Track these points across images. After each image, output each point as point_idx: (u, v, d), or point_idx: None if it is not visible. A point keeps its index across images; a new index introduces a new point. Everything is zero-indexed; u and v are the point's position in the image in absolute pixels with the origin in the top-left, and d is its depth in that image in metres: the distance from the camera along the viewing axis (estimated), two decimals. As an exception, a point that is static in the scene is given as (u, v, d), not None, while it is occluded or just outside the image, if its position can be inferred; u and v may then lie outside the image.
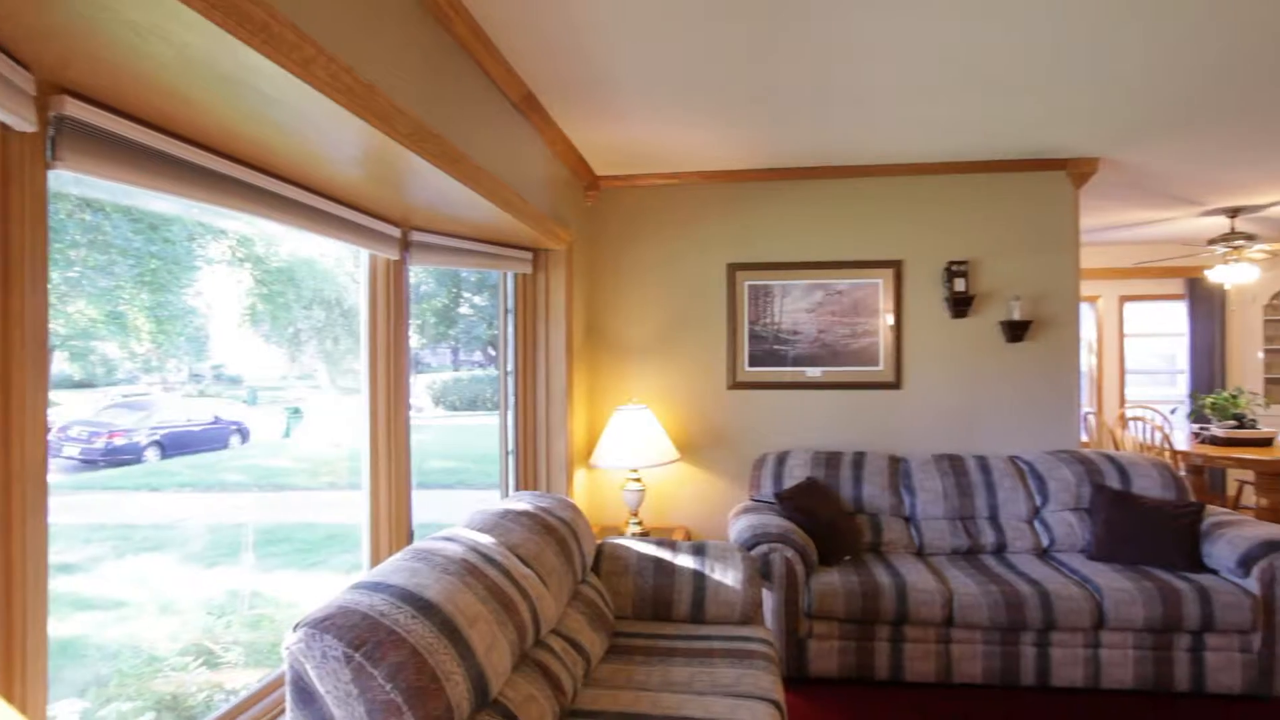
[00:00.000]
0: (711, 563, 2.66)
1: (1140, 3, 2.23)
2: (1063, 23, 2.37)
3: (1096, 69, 2.75)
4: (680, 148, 3.71)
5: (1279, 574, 2.89)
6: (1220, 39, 2.49)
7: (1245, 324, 6.85)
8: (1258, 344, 6.75)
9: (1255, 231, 5.86)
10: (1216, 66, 2.73)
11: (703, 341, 4.24)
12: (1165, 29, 2.42)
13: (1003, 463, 3.72)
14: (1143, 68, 2.74)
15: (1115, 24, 2.38)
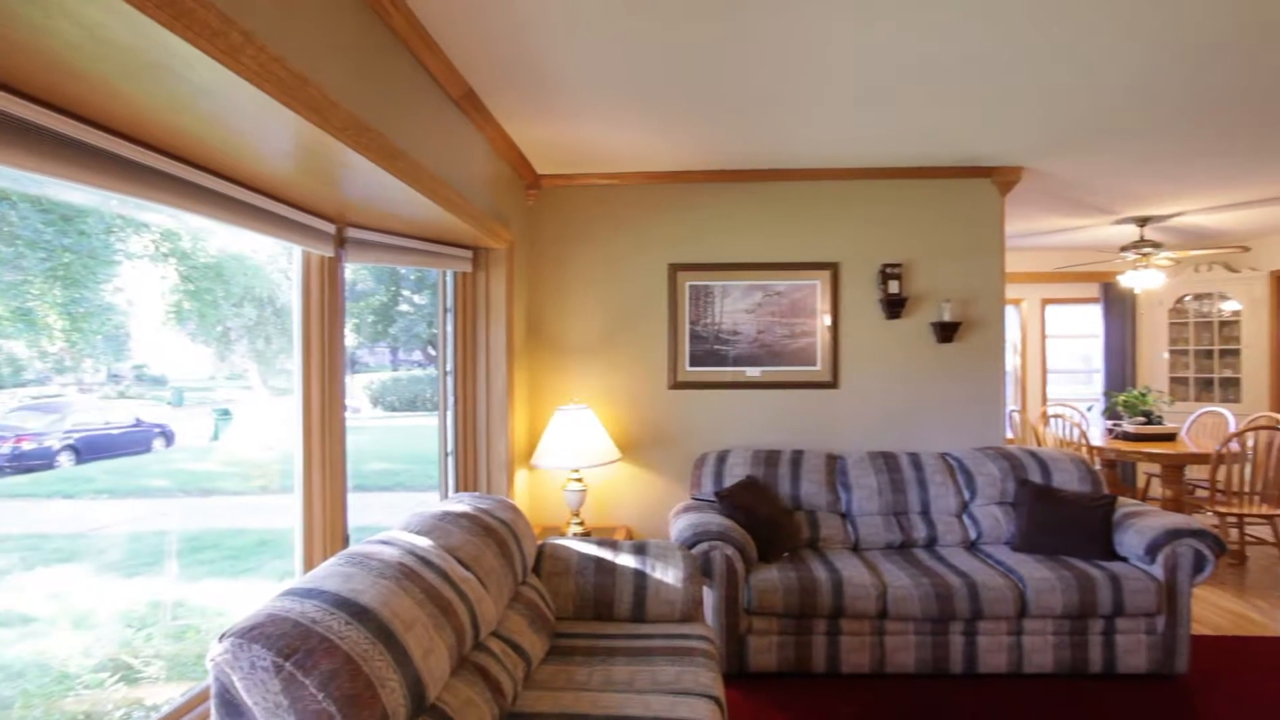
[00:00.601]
0: (653, 561, 2.68)
1: (1061, 24, 2.35)
2: (991, 39, 2.47)
3: (1021, 83, 2.88)
4: (623, 148, 3.72)
5: (1180, 560, 3.08)
6: (1132, 60, 2.64)
7: (1153, 326, 7.27)
8: (1163, 345, 7.17)
9: (1161, 240, 6.23)
10: (1129, 86, 2.89)
11: (644, 341, 4.26)
12: (1084, 50, 2.55)
13: (934, 459, 3.85)
14: (1063, 84, 2.88)
15: (1038, 43, 2.49)
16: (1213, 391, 6.94)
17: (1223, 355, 6.90)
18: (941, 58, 2.64)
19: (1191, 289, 7.02)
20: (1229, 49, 2.57)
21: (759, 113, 3.22)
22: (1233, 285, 6.82)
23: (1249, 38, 2.48)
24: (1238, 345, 6.80)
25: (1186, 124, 3.38)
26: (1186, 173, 4.25)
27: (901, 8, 2.26)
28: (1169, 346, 7.14)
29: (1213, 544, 3.08)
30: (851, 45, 2.52)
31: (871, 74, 2.79)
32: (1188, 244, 6.62)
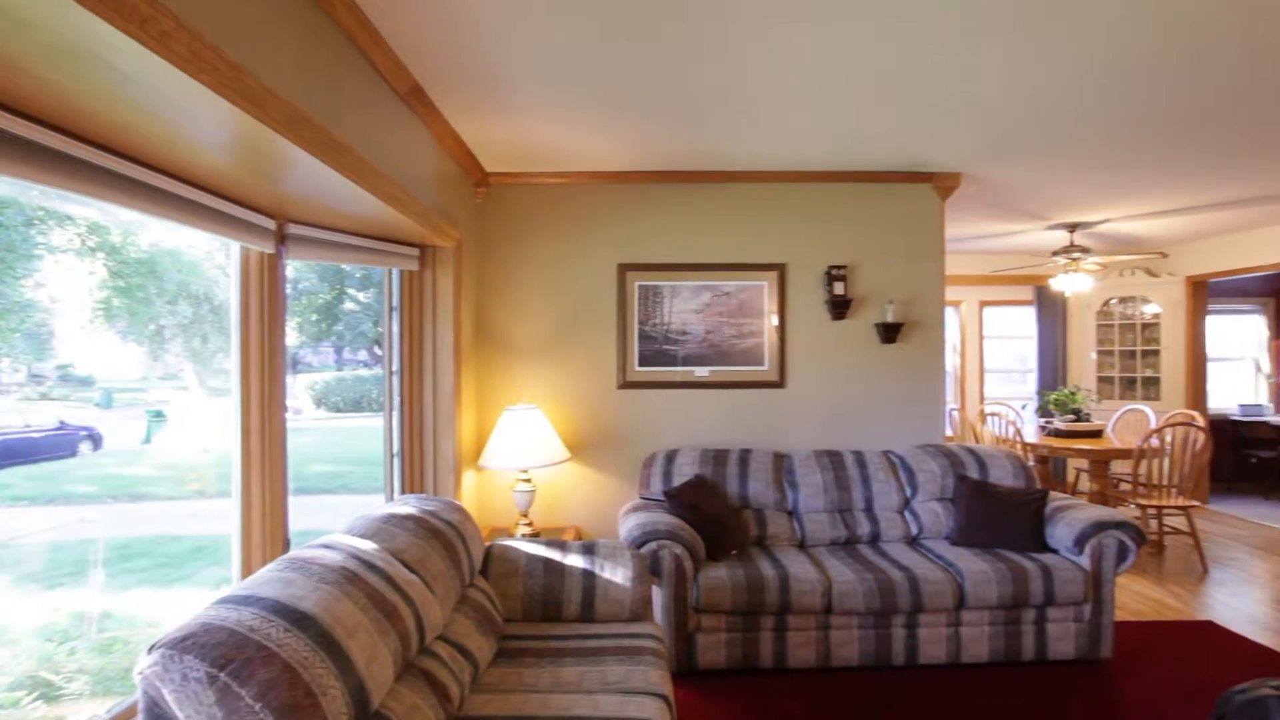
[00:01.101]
0: (601, 561, 2.68)
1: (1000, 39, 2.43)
2: (934, 49, 2.54)
3: (962, 93, 2.98)
4: (572, 147, 3.71)
5: (1105, 551, 3.23)
6: (1064, 76, 2.75)
7: (1082, 328, 7.60)
8: (1091, 346, 7.50)
9: (1090, 245, 6.52)
10: (1061, 100, 3.02)
11: (593, 341, 4.26)
12: (1019, 64, 2.65)
13: (877, 457, 3.95)
14: (1001, 96, 2.98)
15: (978, 55, 2.58)
16: (1136, 390, 7.29)
17: (1144, 355, 7.25)
18: (887, 65, 2.71)
19: (1117, 293, 7.36)
20: (1148, 70, 2.70)
21: (707, 115, 3.25)
22: (1153, 289, 7.17)
23: (1167, 60, 2.62)
24: (1158, 346, 7.16)
25: (1113, 137, 3.54)
26: (1112, 182, 4.46)
27: (849, 16, 2.31)
28: (1096, 347, 7.47)
29: (1134, 535, 3.23)
30: (799, 51, 2.57)
31: (818, 79, 2.84)
32: (1113, 250, 6.94)
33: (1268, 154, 3.87)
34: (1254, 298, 7.88)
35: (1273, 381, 7.88)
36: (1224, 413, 7.64)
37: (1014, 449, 5.63)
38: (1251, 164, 4.08)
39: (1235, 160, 4.00)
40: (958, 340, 7.88)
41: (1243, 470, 7.77)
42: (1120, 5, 2.24)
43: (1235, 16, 2.32)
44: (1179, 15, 2.31)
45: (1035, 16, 2.31)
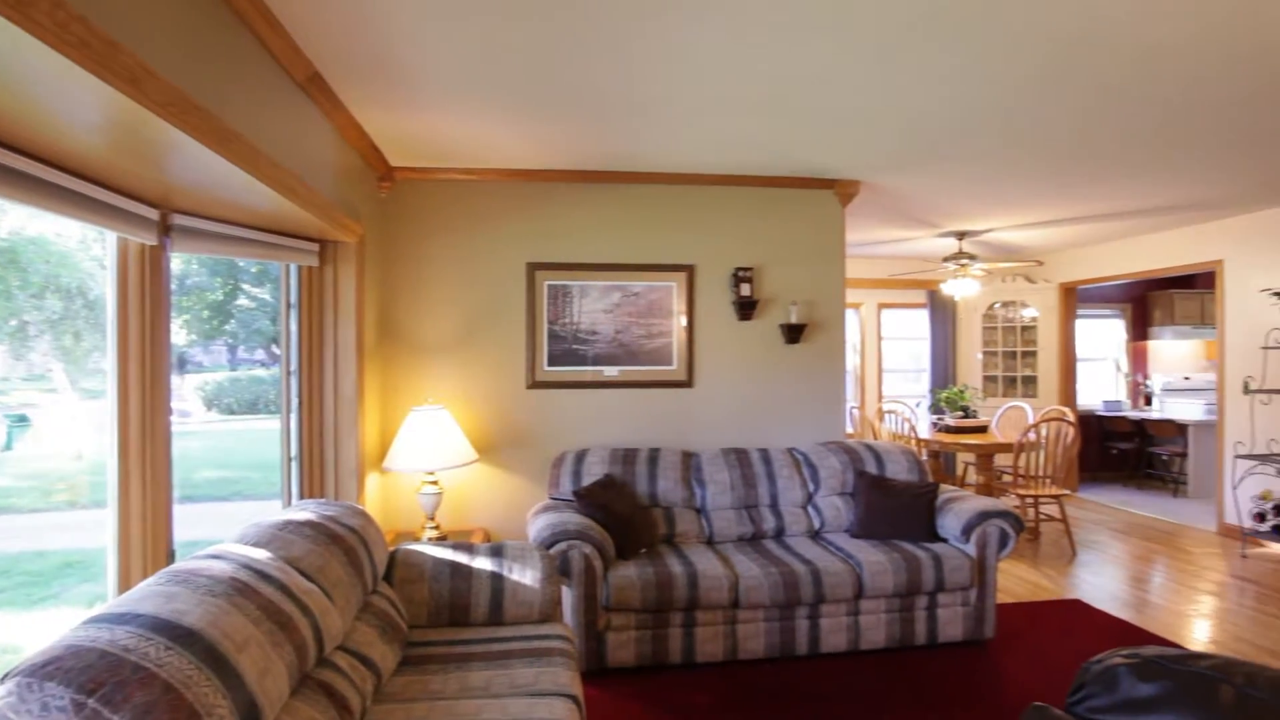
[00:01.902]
0: (510, 563, 2.65)
1: (901, 56, 2.56)
2: (840, 62, 2.64)
3: (864, 105, 3.11)
4: (481, 143, 3.65)
5: (989, 538, 3.45)
6: (953, 94, 2.92)
7: (970, 330, 8.09)
8: (978, 347, 8.00)
9: (977, 252, 6.94)
10: (951, 117, 3.20)
11: (502, 340, 4.20)
12: (915, 82, 2.79)
13: (782, 454, 4.08)
14: (897, 110, 3.14)
15: (881, 70, 2.70)
16: (1016, 388, 7.83)
17: (1024, 356, 7.80)
18: (792, 75, 2.79)
19: (1000, 297, 7.88)
20: (1025, 95, 2.91)
21: (615, 114, 3.26)
22: (1031, 295, 7.72)
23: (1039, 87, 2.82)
24: (1035, 347, 7.72)
25: (997, 154, 3.79)
26: (997, 194, 4.77)
27: (755, 25, 2.37)
28: (982, 348, 7.97)
29: (1014, 523, 3.47)
30: (705, 56, 2.62)
31: (724, 85, 2.90)
32: (997, 257, 7.43)
33: (1123, 175, 4.24)
34: (1115, 303, 8.61)
35: (1130, 380, 8.63)
36: (1090, 409, 8.31)
37: (909, 445, 5.94)
38: (1112, 183, 4.46)
39: (1098, 179, 4.36)
40: (858, 341, 8.22)
41: (1106, 461, 8.47)
42: (1001, 36, 2.40)
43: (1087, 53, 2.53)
44: (1045, 49, 2.49)
45: (931, 40, 2.45)
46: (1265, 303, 5.39)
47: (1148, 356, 8.60)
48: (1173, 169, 4.20)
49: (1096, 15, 2.31)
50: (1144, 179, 4.43)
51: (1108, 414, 8.26)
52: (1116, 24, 2.37)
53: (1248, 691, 0.92)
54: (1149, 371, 8.56)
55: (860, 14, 2.30)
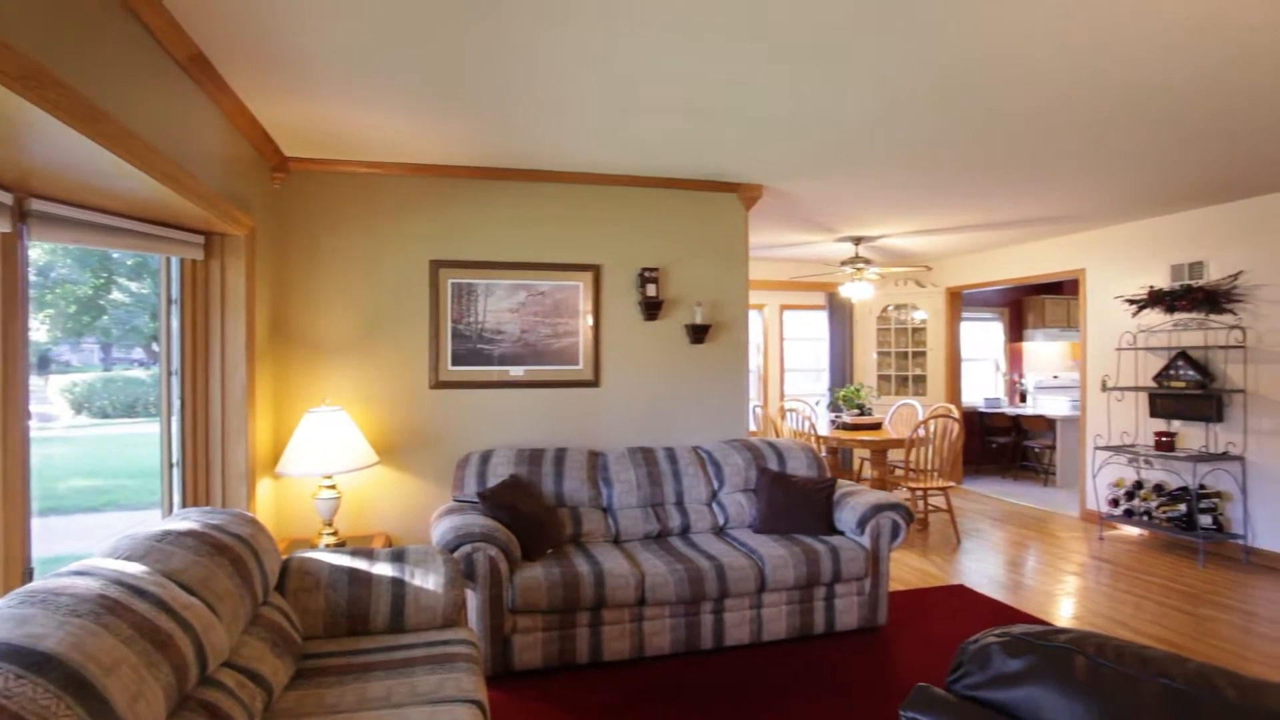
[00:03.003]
0: (412, 568, 2.57)
1: (798, 67, 2.65)
2: (740, 69, 2.71)
3: (768, 113, 3.20)
4: (383, 136, 3.53)
5: (882, 530, 3.63)
6: (849, 105, 3.06)
7: (865, 331, 8.48)
8: (873, 347, 8.39)
9: (872, 257, 7.29)
10: (848, 127, 3.35)
11: (404, 339, 4.08)
12: (814, 91, 2.90)
13: (687, 452, 4.15)
14: (798, 118, 3.25)
15: (785, 80, 2.79)
16: (908, 386, 8.27)
17: (914, 356, 8.24)
18: (696, 79, 2.85)
19: (893, 300, 8.30)
20: (914, 110, 3.08)
21: (521, 112, 3.23)
22: (921, 298, 8.17)
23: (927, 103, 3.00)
24: (925, 348, 8.17)
25: (890, 164, 3.99)
26: (890, 202, 5.02)
27: (661, 28, 2.40)
28: (877, 348, 8.38)
29: (905, 514, 3.67)
30: (611, 57, 2.63)
31: (629, 86, 2.93)
32: (890, 262, 7.82)
33: (999, 188, 4.56)
34: (994, 307, 9.23)
35: (1008, 379, 9.28)
36: (973, 406, 8.88)
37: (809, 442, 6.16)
38: (990, 195, 4.79)
39: (978, 191, 4.67)
40: (761, 341, 8.46)
41: (987, 454, 9.07)
42: (893, 54, 2.53)
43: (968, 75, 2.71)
44: (931, 70, 2.65)
45: (830, 53, 2.55)
46: (1119, 308, 5.92)
47: (1023, 357, 9.27)
48: (1042, 184, 4.54)
49: (977, 38, 2.47)
50: (1018, 193, 4.77)
51: (988, 410, 8.85)
52: (995, 48, 2.54)
53: (1097, 661, 1.01)
54: (1024, 371, 9.23)
55: (763, 26, 2.37)
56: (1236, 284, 5.08)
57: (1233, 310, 5.09)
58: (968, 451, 8.76)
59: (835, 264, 7.30)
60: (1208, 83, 2.89)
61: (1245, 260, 5.05)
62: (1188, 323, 5.36)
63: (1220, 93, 3.00)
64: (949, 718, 1.08)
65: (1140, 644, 1.05)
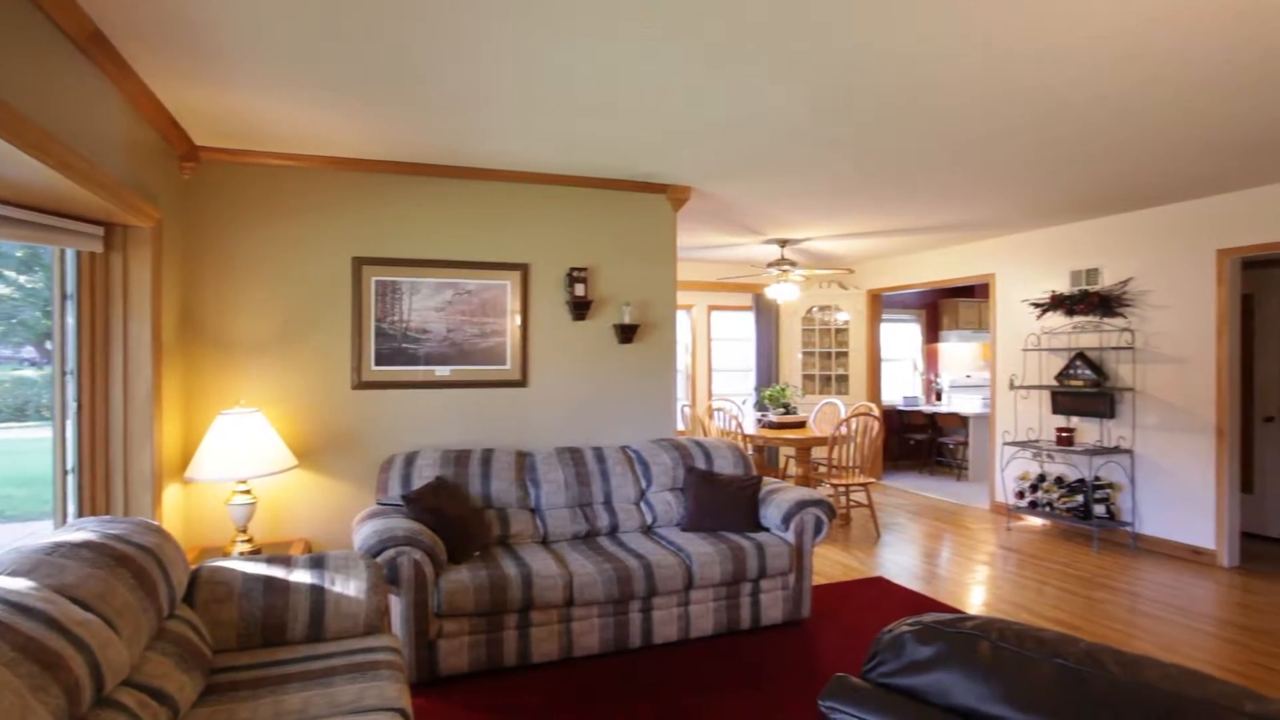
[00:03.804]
0: (332, 575, 2.49)
1: (725, 72, 2.70)
2: (666, 71, 2.74)
3: (693, 115, 3.24)
4: (300, 127, 3.40)
5: (806, 526, 3.73)
6: (773, 110, 3.13)
7: (791, 332, 8.69)
8: (798, 347, 8.61)
9: (797, 259, 7.48)
10: (773, 132, 3.42)
11: (325, 338, 3.95)
12: (740, 96, 2.95)
13: (616, 452, 4.16)
14: (726, 121, 3.30)
15: (707, 82, 2.83)
16: (831, 385, 8.52)
17: (837, 356, 8.50)
18: (628, 82, 2.86)
19: (817, 302, 8.53)
20: (834, 117, 3.18)
21: (449, 108, 3.17)
22: (844, 300, 8.43)
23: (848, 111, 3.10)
24: (847, 348, 8.44)
25: (813, 169, 4.10)
26: (814, 206, 5.17)
27: (590, 30, 2.40)
28: (802, 349, 8.59)
29: (828, 510, 3.78)
30: (541, 56, 2.62)
31: (559, 86, 2.92)
32: (815, 264, 8.04)
33: (916, 195, 4.76)
34: (912, 309, 9.61)
35: (924, 378, 9.68)
36: (893, 404, 9.22)
37: (735, 440, 6.27)
38: (907, 201, 4.99)
39: (895, 198, 4.86)
40: (689, 341, 8.56)
41: (904, 450, 9.44)
42: (810, 63, 2.60)
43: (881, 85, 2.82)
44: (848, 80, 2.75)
45: (752, 58, 2.60)
46: (1025, 311, 6.26)
47: (938, 357, 9.68)
48: (956, 192, 4.76)
49: (887, 53, 2.57)
50: (934, 199, 4.98)
51: (906, 408, 9.21)
52: (905, 62, 2.65)
53: (1000, 644, 1.07)
54: (939, 370, 9.64)
55: (687, 28, 2.40)
56: (1126, 289, 5.45)
57: (1123, 314, 5.46)
58: (887, 448, 9.10)
59: (762, 266, 7.45)
60: (1107, 107, 3.09)
61: (1134, 268, 5.43)
62: (1085, 325, 5.72)
63: (1117, 115, 3.21)
64: (865, 705, 1.13)
65: (1038, 627, 1.12)
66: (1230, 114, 3.26)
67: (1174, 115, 3.27)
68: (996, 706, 1.02)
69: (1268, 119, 3.32)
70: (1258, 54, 2.62)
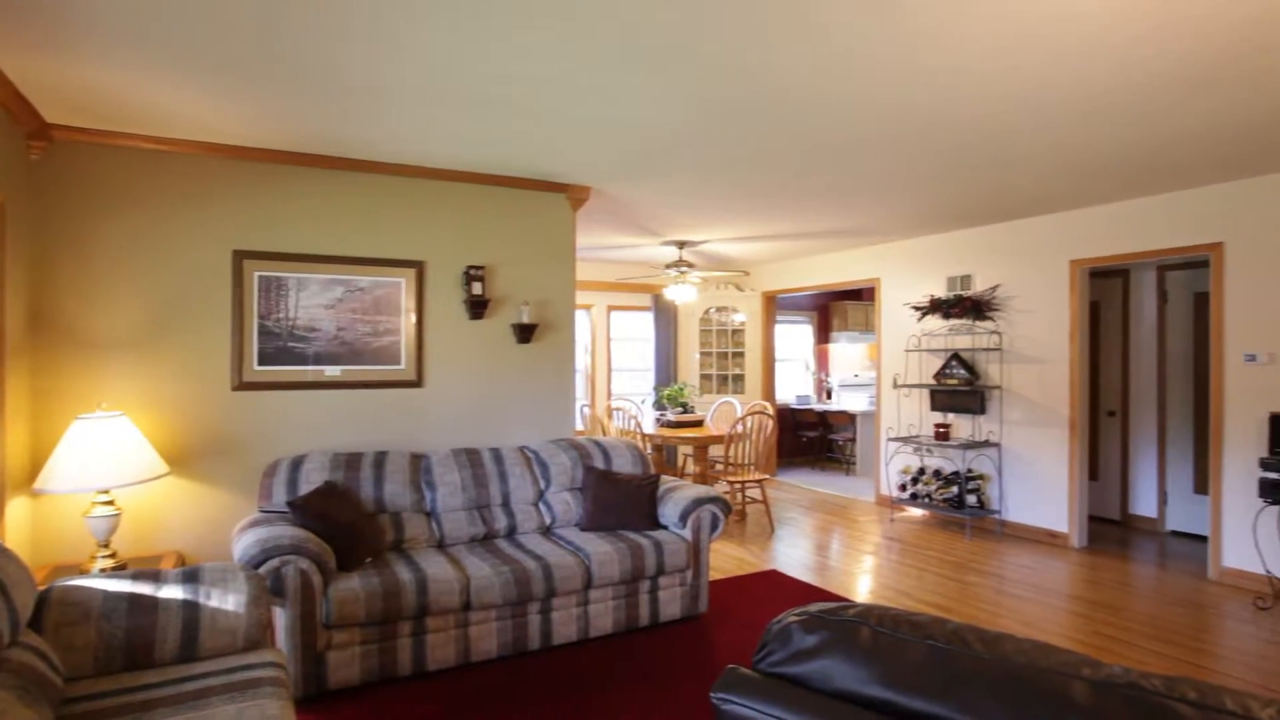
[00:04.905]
0: (208, 588, 2.34)
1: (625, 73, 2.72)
2: (561, 70, 2.73)
3: (593, 115, 3.25)
4: (176, 110, 3.17)
5: (703, 522, 3.82)
6: (667, 114, 3.18)
7: (689, 332, 8.86)
8: (696, 348, 8.79)
9: (695, 261, 7.63)
10: (671, 135, 3.48)
11: (201, 337, 3.69)
12: (634, 98, 2.98)
13: (514, 452, 4.11)
14: (625, 123, 3.33)
15: (608, 84, 2.84)
16: (728, 385, 8.74)
17: (734, 356, 8.73)
18: (523, 79, 2.83)
19: (714, 303, 8.73)
20: (726, 125, 3.27)
21: (341, 97, 3.05)
22: (740, 301, 8.68)
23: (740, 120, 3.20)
24: (743, 349, 8.68)
25: (711, 173, 4.20)
26: (712, 209, 5.29)
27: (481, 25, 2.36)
28: (699, 349, 8.77)
29: (723, 507, 3.88)
30: (431, 48, 2.56)
31: (451, 80, 2.86)
32: (712, 266, 8.22)
33: (806, 201, 4.96)
34: (805, 311, 10.01)
35: (816, 377, 10.11)
36: (786, 403, 9.57)
37: (634, 440, 6.33)
38: (802, 206, 5.19)
39: (787, 204, 5.05)
40: (588, 341, 8.57)
41: (797, 447, 9.82)
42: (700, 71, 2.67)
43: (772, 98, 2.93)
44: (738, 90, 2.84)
45: (644, 61, 2.64)
46: (907, 314, 6.66)
47: (829, 357, 10.13)
48: (844, 200, 5.00)
49: (776, 66, 2.67)
50: (823, 205, 5.21)
51: (799, 407, 9.58)
52: (793, 76, 2.76)
53: (878, 629, 1.14)
54: (830, 370, 10.09)
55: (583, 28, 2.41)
56: (995, 295, 5.89)
57: (992, 318, 5.90)
58: (781, 445, 9.43)
59: (660, 267, 7.56)
60: (974, 126, 3.33)
61: (1002, 275, 5.87)
62: (960, 328, 6.14)
63: (984, 134, 3.46)
64: (754, 695, 1.17)
65: (912, 611, 1.20)
66: (1081, 138, 3.58)
67: (1033, 136, 3.57)
68: (874, 688, 1.08)
69: (1114, 143, 3.68)
70: (1106, 82, 2.89)
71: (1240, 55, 2.63)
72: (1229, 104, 3.12)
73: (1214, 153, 3.85)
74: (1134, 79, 2.85)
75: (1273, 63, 2.69)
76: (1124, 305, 6.17)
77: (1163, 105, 3.14)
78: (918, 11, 2.28)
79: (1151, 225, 4.93)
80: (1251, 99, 3.07)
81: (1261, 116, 3.30)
